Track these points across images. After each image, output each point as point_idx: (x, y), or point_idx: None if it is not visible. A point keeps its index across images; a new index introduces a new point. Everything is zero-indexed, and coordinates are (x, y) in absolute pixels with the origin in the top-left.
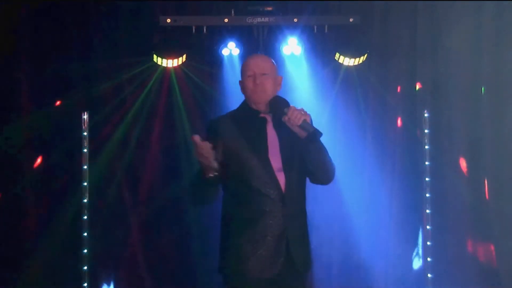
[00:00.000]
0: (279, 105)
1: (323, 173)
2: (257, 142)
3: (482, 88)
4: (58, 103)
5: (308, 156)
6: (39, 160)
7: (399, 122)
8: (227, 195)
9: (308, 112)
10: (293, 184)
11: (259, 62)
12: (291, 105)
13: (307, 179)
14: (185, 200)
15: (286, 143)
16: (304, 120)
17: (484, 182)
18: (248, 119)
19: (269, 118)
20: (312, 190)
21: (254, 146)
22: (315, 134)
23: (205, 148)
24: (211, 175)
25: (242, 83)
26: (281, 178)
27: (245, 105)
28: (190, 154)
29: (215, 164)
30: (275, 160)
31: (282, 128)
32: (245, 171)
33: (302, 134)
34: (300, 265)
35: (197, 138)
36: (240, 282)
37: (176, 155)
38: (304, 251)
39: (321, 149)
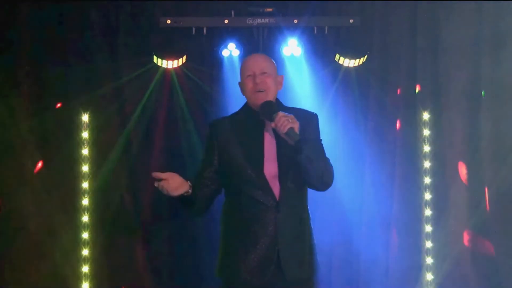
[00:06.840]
0: (268, 110)
1: (316, 181)
2: (253, 148)
3: (482, 92)
4: (58, 105)
5: (299, 165)
6: (39, 163)
7: (398, 123)
8: (226, 200)
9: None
10: (289, 191)
11: (258, 61)
12: (279, 111)
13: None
14: None
15: (284, 148)
16: (290, 129)
17: (485, 182)
18: (247, 122)
19: (268, 122)
20: (311, 191)
21: (249, 152)
22: (299, 145)
23: (171, 178)
24: (189, 191)
25: (241, 84)
26: (275, 186)
27: (245, 107)
28: (192, 155)
29: (186, 187)
30: (271, 167)
31: None
32: (239, 178)
33: (290, 142)
34: (291, 276)
35: (157, 174)
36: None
37: (178, 157)
38: (299, 261)
39: (311, 158)
